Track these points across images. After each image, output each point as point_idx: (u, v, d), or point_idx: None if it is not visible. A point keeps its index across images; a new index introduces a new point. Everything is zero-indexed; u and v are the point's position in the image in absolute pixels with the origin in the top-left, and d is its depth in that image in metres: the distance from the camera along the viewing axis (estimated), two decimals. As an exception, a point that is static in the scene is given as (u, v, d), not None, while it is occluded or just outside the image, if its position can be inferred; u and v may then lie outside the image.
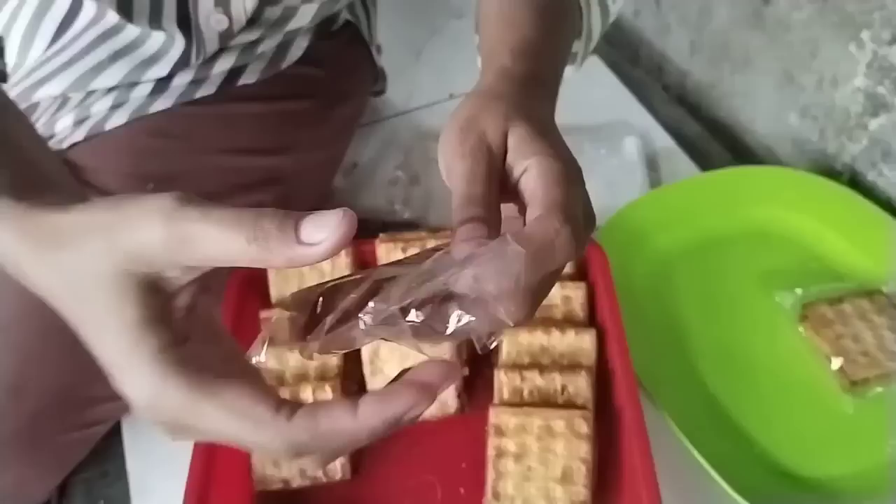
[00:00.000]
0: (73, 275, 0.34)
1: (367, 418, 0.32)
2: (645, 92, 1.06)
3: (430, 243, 0.69)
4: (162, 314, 0.33)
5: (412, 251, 0.68)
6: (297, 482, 0.64)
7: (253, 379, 0.34)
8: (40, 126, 0.70)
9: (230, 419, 0.33)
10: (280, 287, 0.71)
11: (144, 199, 0.32)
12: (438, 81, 1.07)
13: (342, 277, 0.36)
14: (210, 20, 0.65)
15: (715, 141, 1.01)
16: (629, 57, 1.20)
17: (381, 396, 0.33)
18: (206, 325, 0.36)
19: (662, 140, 0.98)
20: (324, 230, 0.31)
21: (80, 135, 0.68)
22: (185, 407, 0.33)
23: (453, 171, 0.40)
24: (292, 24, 0.72)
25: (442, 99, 1.04)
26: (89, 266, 0.33)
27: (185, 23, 0.66)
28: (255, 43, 0.73)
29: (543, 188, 0.38)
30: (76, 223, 0.34)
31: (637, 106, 1.03)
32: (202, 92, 0.71)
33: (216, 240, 0.31)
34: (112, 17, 0.68)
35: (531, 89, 0.47)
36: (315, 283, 0.36)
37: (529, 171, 0.39)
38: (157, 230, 0.31)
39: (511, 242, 0.33)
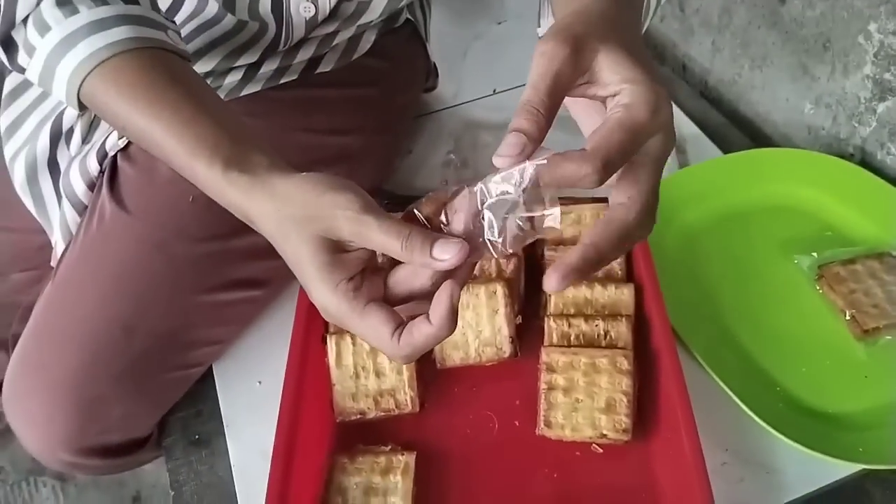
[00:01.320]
0: (286, 230, 0.49)
1: (438, 319, 0.46)
2: (670, 88, 1.15)
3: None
4: (339, 261, 0.48)
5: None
6: (372, 414, 0.73)
7: (387, 309, 0.48)
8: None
9: (368, 332, 0.48)
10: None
11: (341, 194, 0.48)
12: (482, 79, 1.17)
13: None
14: (300, 8, 0.75)
15: (736, 130, 1.10)
16: (656, 57, 1.30)
17: (437, 302, 0.46)
18: (368, 269, 0.50)
19: (688, 128, 1.06)
20: (448, 253, 0.45)
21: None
22: (345, 317, 0.48)
23: (531, 72, 0.45)
24: (364, 19, 0.82)
25: (486, 94, 1.14)
26: (298, 228, 0.49)
27: (278, 10, 0.75)
28: (333, 35, 0.83)
29: (607, 126, 0.43)
30: (288, 199, 0.49)
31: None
32: (286, 78, 0.81)
33: (381, 242, 0.46)
34: (212, 8, 0.77)
35: (630, 14, 0.51)
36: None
37: (619, 100, 0.44)
38: (346, 225, 0.47)
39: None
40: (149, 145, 0.56)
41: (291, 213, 0.49)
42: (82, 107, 0.60)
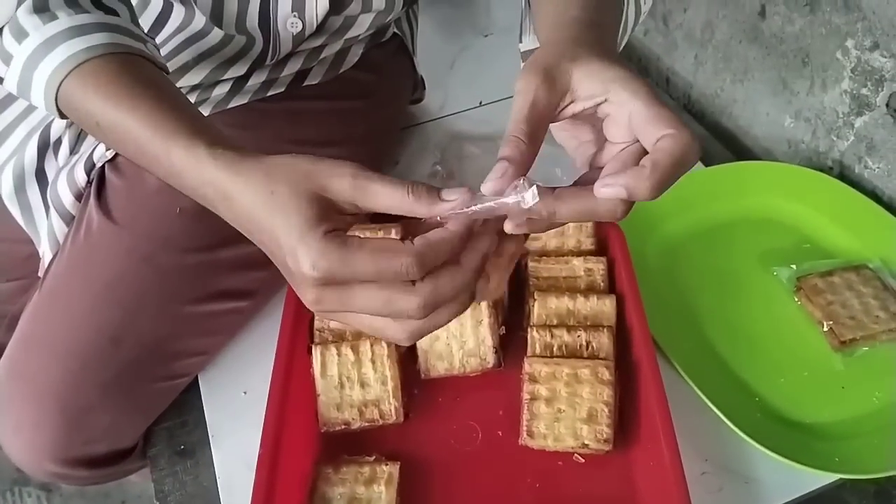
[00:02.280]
0: (276, 187, 0.47)
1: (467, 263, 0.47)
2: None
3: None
4: (332, 214, 0.47)
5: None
6: (356, 424, 0.73)
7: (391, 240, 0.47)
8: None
9: (368, 267, 0.45)
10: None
11: (338, 161, 0.48)
12: (469, 91, 1.18)
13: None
14: (287, 23, 0.76)
15: (718, 143, 1.11)
16: (640, 70, 1.31)
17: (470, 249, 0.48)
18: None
19: (671, 141, 1.08)
20: (455, 194, 0.46)
21: (169, 127, 0.79)
22: (341, 258, 0.45)
23: (513, 106, 0.49)
24: (351, 33, 0.83)
25: (472, 106, 1.15)
26: (291, 187, 0.47)
27: (265, 25, 0.76)
28: (320, 49, 0.84)
29: (648, 111, 0.46)
30: (281, 164, 0.49)
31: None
32: (273, 91, 0.82)
33: (386, 193, 0.46)
34: (199, 22, 0.78)
35: (601, 33, 0.54)
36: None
37: (614, 99, 0.47)
38: (348, 178, 0.47)
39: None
40: (123, 138, 0.55)
41: (284, 175, 0.48)
42: (61, 113, 0.60)
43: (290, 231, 0.46)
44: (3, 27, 0.59)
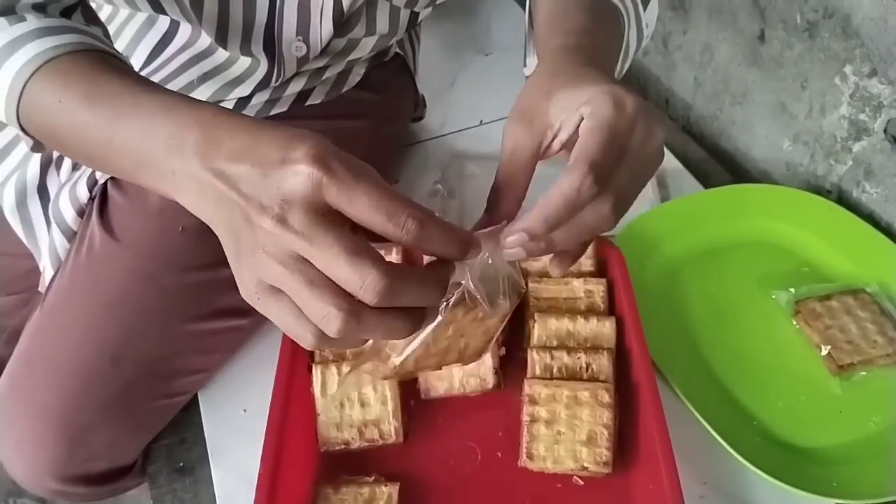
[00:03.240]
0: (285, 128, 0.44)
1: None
2: (653, 122, 1.17)
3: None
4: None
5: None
6: (356, 444, 0.73)
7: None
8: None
9: (384, 189, 0.42)
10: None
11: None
12: (469, 109, 1.19)
13: None
14: (292, 47, 0.76)
15: (717, 165, 1.12)
16: (639, 91, 1.32)
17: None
18: None
19: (670, 162, 1.09)
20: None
21: (171, 143, 0.79)
22: (344, 155, 0.42)
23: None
24: (354, 54, 0.83)
25: (473, 125, 1.16)
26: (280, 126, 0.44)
27: (270, 49, 0.76)
28: (323, 69, 0.84)
29: (581, 137, 0.46)
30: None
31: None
32: (276, 110, 0.83)
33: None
34: (204, 41, 0.78)
35: (581, 56, 0.54)
36: None
37: (584, 120, 0.47)
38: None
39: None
40: (88, 109, 0.51)
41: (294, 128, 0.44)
42: (20, 123, 0.56)
43: (268, 140, 0.43)
44: None
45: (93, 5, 0.82)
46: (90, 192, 0.77)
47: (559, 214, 0.45)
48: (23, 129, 0.57)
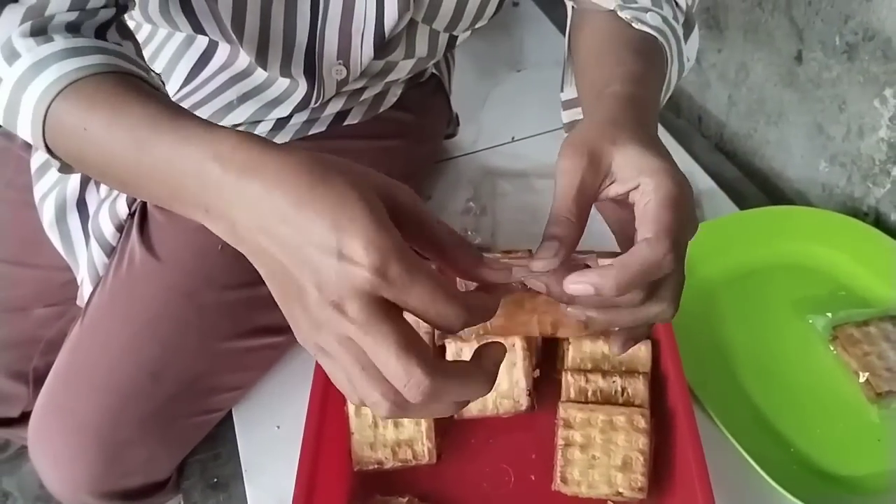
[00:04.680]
0: (330, 177, 0.40)
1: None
2: (686, 140, 1.17)
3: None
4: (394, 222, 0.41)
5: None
6: (389, 464, 0.73)
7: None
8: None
9: (438, 285, 0.41)
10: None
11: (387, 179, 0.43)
12: (501, 126, 1.19)
13: None
14: (332, 70, 0.77)
15: (751, 184, 1.11)
16: (672, 109, 1.32)
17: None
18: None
19: (704, 182, 1.08)
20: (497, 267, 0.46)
21: (211, 163, 0.80)
22: (396, 255, 0.39)
23: (556, 186, 0.50)
24: (392, 76, 0.84)
25: (505, 142, 1.16)
26: (351, 179, 0.40)
27: (311, 71, 0.77)
28: (361, 90, 0.85)
29: (654, 210, 0.46)
30: (338, 159, 0.42)
31: (681, 151, 1.13)
32: (314, 130, 0.83)
33: (442, 227, 0.45)
34: (243, 61, 0.79)
35: (640, 111, 0.54)
36: None
37: (642, 189, 0.48)
38: (411, 192, 0.44)
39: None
40: (111, 141, 0.49)
41: (343, 167, 0.41)
42: (46, 144, 0.55)
43: (340, 204, 0.39)
44: None
45: (131, 24, 0.84)
46: (129, 208, 0.78)
47: (634, 281, 0.46)
48: (50, 152, 0.56)
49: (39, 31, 0.55)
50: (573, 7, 0.72)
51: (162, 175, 0.47)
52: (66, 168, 0.58)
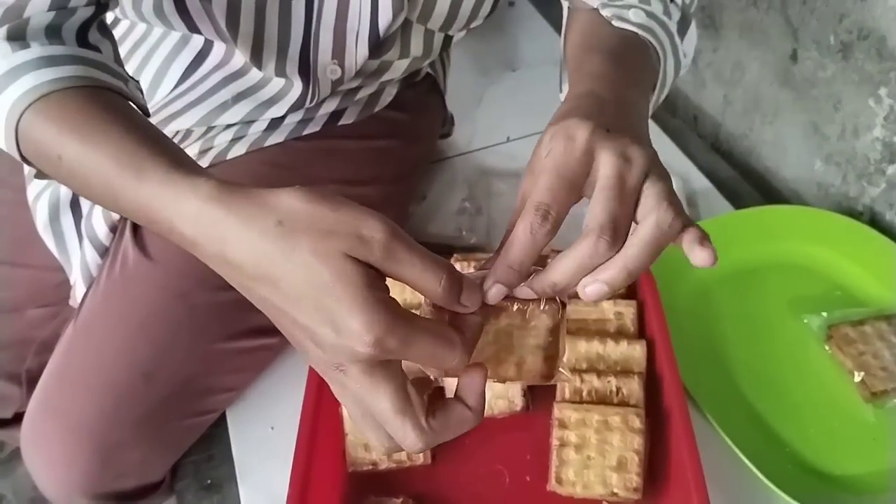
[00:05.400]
0: (294, 244, 0.39)
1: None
2: (682, 139, 1.17)
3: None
4: (377, 277, 0.41)
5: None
6: (383, 465, 0.73)
7: None
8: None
9: (434, 339, 0.41)
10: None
11: (360, 210, 0.40)
12: (496, 126, 1.19)
13: None
14: (327, 70, 0.77)
15: (746, 183, 1.11)
16: (667, 108, 1.32)
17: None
18: None
19: (699, 182, 1.08)
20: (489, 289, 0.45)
21: (204, 162, 0.80)
22: (397, 330, 0.39)
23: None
24: (387, 76, 0.84)
25: (500, 142, 1.16)
26: (314, 242, 0.39)
27: (305, 71, 0.77)
28: (355, 90, 0.85)
29: (591, 204, 0.45)
30: (298, 209, 0.40)
31: (676, 151, 1.13)
32: (309, 129, 0.83)
33: (416, 269, 0.41)
34: (238, 61, 0.79)
35: (590, 103, 0.51)
36: None
37: (543, 140, 0.47)
38: (382, 237, 0.40)
39: None
40: (87, 174, 0.49)
41: (302, 224, 0.40)
42: (21, 153, 0.55)
43: (324, 293, 0.39)
44: None
45: (125, 24, 0.83)
46: (123, 208, 0.78)
47: (574, 274, 0.45)
48: (24, 159, 0.55)
49: (17, 35, 0.55)
50: (568, 7, 0.72)
51: (137, 215, 0.48)
52: (40, 174, 0.58)
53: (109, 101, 0.53)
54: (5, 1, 0.54)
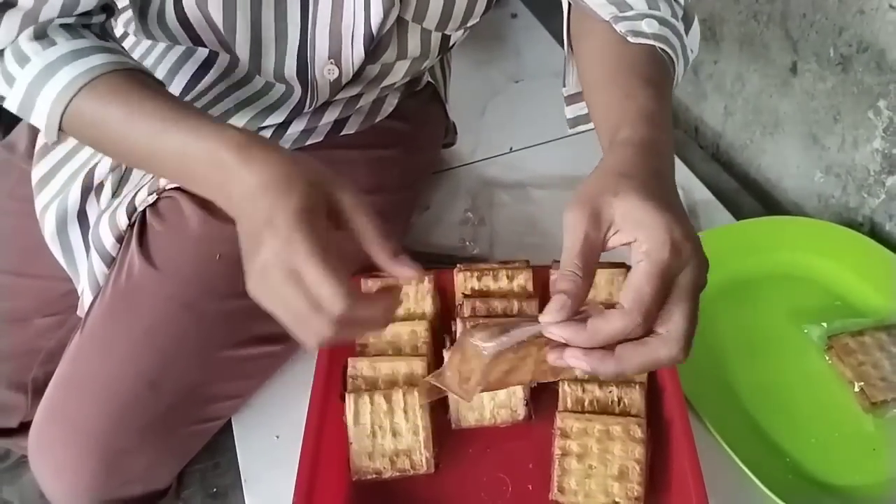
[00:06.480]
0: (289, 171, 0.53)
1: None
2: (683, 150, 1.18)
3: (501, 273, 0.80)
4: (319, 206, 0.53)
5: (486, 279, 0.79)
6: (387, 473, 0.74)
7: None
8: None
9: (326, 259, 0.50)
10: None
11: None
12: (499, 137, 1.20)
13: None
14: (324, 70, 0.77)
15: (747, 194, 1.12)
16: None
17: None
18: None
19: (700, 192, 1.09)
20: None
21: (208, 172, 0.81)
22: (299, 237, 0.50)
23: (564, 240, 0.52)
24: (387, 80, 0.84)
25: (503, 152, 1.17)
26: (303, 175, 0.54)
27: (303, 73, 0.78)
28: (357, 97, 0.86)
29: (637, 279, 0.49)
30: (302, 158, 0.55)
31: (677, 162, 1.13)
32: (312, 139, 0.84)
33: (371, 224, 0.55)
34: (241, 70, 0.80)
35: (652, 157, 0.55)
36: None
37: (636, 246, 0.50)
38: (348, 196, 0.55)
39: None
40: (126, 134, 0.61)
41: (303, 167, 0.54)
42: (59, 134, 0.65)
43: (278, 194, 0.52)
44: (3, 50, 0.65)
45: (130, 41, 0.85)
46: (129, 219, 0.79)
47: (602, 343, 0.51)
48: (60, 131, 0.65)
49: (41, 34, 0.64)
50: (569, 3, 0.73)
51: (175, 164, 0.59)
52: (62, 136, 0.66)
53: (144, 80, 0.65)
54: (22, 6, 0.63)
